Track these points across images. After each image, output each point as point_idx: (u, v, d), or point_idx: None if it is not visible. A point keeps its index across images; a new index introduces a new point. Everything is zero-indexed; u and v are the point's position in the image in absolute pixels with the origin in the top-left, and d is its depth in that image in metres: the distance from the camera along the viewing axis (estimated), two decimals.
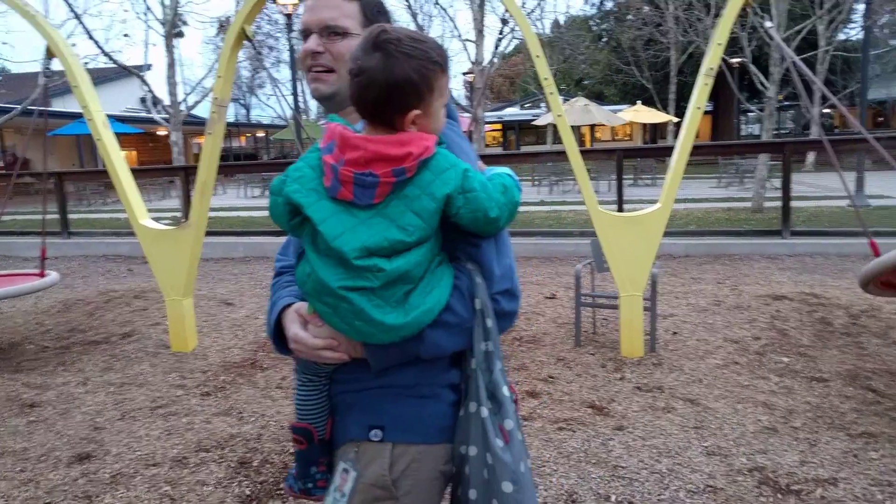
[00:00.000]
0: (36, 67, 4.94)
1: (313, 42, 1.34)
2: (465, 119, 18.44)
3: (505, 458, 1.18)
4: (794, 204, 8.05)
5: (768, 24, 4.22)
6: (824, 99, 18.77)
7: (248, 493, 2.81)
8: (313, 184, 1.19)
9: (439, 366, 1.27)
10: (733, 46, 15.31)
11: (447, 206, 1.16)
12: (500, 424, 1.21)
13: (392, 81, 1.12)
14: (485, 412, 1.21)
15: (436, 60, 1.16)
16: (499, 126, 41.10)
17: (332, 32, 1.34)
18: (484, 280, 1.24)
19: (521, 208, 1.34)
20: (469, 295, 1.23)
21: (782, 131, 34.27)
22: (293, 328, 1.27)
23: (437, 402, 1.27)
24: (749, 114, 35.37)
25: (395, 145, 1.13)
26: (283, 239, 1.67)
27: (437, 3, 17.14)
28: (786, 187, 7.98)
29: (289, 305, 1.31)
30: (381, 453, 1.23)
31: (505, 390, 1.24)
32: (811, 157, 22.04)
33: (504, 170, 1.30)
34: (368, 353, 1.22)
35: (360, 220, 1.14)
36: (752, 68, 12.00)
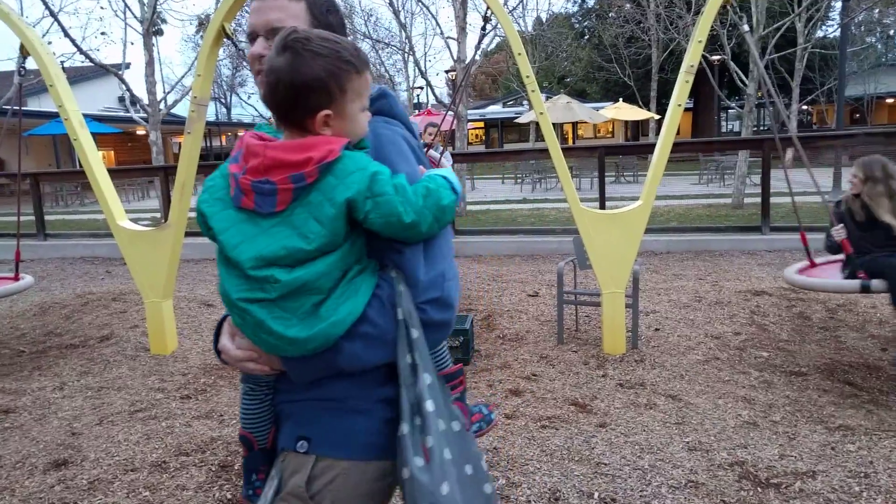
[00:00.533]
0: (11, 66, 4.85)
1: (259, 45, 1.31)
2: (446, 117, 18.41)
3: (422, 479, 1.11)
4: (773, 200, 8.13)
5: (745, 27, 4.26)
6: (802, 95, 19.01)
7: (229, 496, 2.78)
8: (221, 193, 1.17)
9: (372, 379, 1.21)
10: (714, 44, 15.45)
11: (354, 212, 1.12)
12: (421, 443, 1.14)
13: (299, 81, 1.10)
14: (405, 429, 1.14)
15: (348, 60, 1.13)
16: (481, 124, 41.12)
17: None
18: (409, 288, 1.18)
19: (505, 206, 1.30)
20: (390, 304, 1.17)
21: (762, 128, 34.64)
22: (222, 339, 1.26)
23: (369, 418, 1.21)
24: (729, 111, 35.72)
25: (294, 151, 1.10)
26: None
27: (419, 1, 17.11)
28: (765, 184, 8.07)
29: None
30: (303, 465, 1.20)
31: (429, 405, 1.15)
32: (790, 153, 22.28)
33: (440, 171, 1.24)
34: (286, 366, 1.19)
35: (262, 229, 1.11)
36: (732, 66, 12.10)
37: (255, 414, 1.32)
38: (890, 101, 32.27)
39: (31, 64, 4.60)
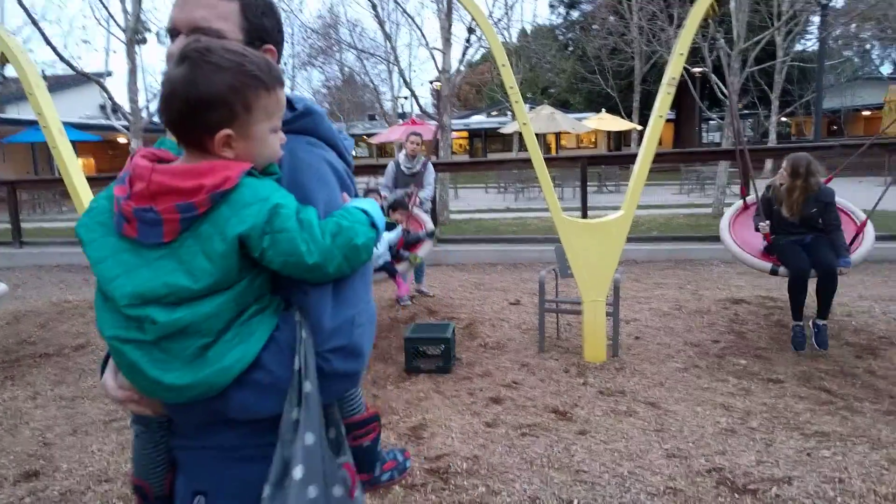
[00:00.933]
0: None
1: (179, 45, 1.12)
2: (430, 127, 18.46)
3: None
4: None
5: (721, 42, 4.33)
6: (782, 107, 19.29)
7: None
8: (104, 217, 1.04)
9: (268, 425, 1.06)
10: (695, 56, 15.66)
11: (249, 248, 0.99)
12: None
13: (195, 95, 0.98)
14: (267, 491, 1.01)
15: (255, 75, 1.01)
16: (465, 133, 41.26)
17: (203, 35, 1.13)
18: (312, 334, 1.05)
19: (488, 215, 1.20)
20: (289, 350, 1.04)
21: (743, 139, 35.02)
22: (106, 374, 1.13)
23: (267, 464, 1.06)
24: (710, 122, 36.18)
25: (185, 176, 0.98)
26: None
27: (404, 12, 17.18)
28: (744, 194, 8.14)
29: None
30: None
31: (298, 471, 1.01)
32: (769, 163, 22.61)
33: (361, 204, 1.12)
34: (168, 411, 1.08)
35: (146, 261, 0.99)
36: (713, 78, 12.27)
37: (148, 459, 1.18)
38: (866, 113, 32.88)
39: (10, 71, 4.55)
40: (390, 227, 4.93)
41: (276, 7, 1.25)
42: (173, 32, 1.19)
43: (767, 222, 4.64)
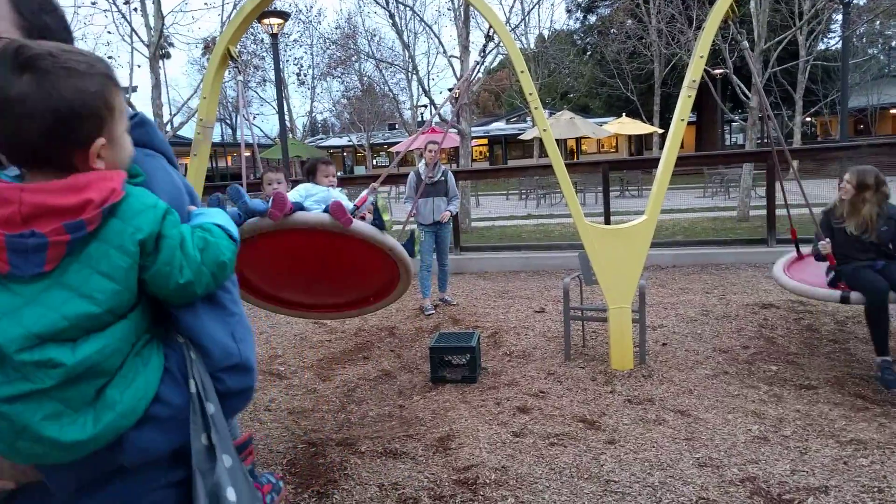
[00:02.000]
0: None
1: None
2: (451, 136, 18.51)
3: None
4: (779, 212, 8.10)
5: (745, 43, 4.29)
6: (806, 107, 19.03)
7: None
8: None
9: (162, 464, 0.98)
10: (715, 58, 15.52)
11: (143, 257, 0.92)
12: None
13: (64, 108, 0.86)
14: None
15: (106, 73, 0.92)
16: (485, 141, 41.31)
17: None
18: (201, 355, 0.99)
19: (509, 222, 1.16)
20: (182, 377, 0.97)
21: (766, 140, 34.63)
22: None
23: None
24: (732, 124, 35.76)
25: (65, 193, 0.87)
26: None
27: (422, 21, 17.28)
28: (770, 196, 8.05)
29: None
30: None
31: (230, 493, 0.95)
32: (795, 165, 22.27)
33: (213, 217, 1.05)
34: (47, 479, 0.93)
35: (27, 298, 0.86)
36: (735, 79, 12.14)
37: None
38: (894, 111, 32.26)
39: None
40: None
41: (56, 3, 1.11)
42: None
43: (828, 240, 4.18)
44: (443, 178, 6.27)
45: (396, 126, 39.80)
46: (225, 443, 0.98)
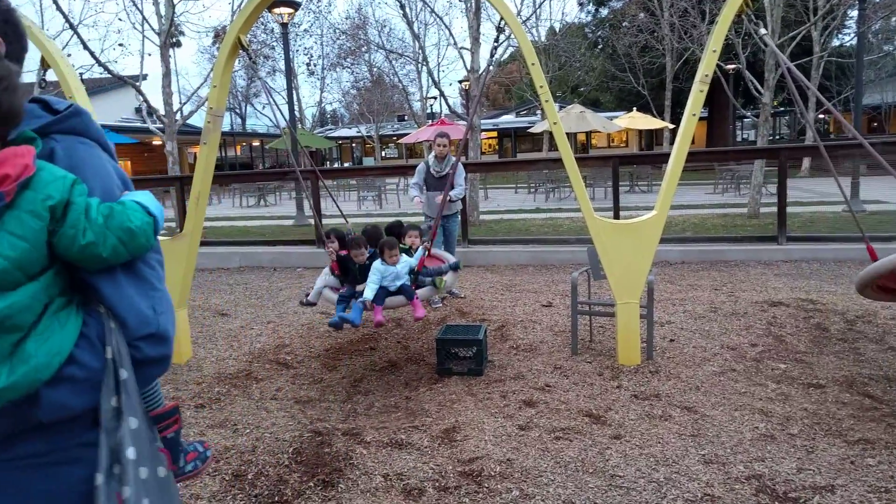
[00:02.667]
0: (32, 78, 4.94)
1: None
2: (459, 127, 18.46)
3: None
4: (790, 209, 8.06)
5: (763, 31, 4.23)
6: (818, 104, 18.84)
7: None
8: None
9: (80, 424, 1.08)
10: (728, 53, 15.40)
11: (52, 221, 1.02)
12: (116, 492, 1.05)
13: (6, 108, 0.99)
14: (99, 479, 1.04)
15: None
16: (494, 133, 41.20)
17: None
18: (119, 324, 1.08)
19: (518, 216, 1.20)
20: (100, 343, 1.06)
21: (778, 137, 34.39)
22: None
23: (80, 467, 1.08)
24: (744, 120, 35.49)
25: None
26: (278, 249, 1.60)
27: (432, 12, 17.22)
28: (782, 193, 8.00)
29: None
30: None
31: (131, 452, 1.06)
32: (807, 162, 22.10)
33: (135, 196, 1.16)
34: None
35: None
36: (747, 74, 12.04)
37: None
38: None
39: (51, 76, 4.68)
40: (405, 251, 4.53)
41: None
42: None
43: None
44: (451, 171, 6.24)
45: (406, 118, 39.74)
46: (133, 407, 1.08)
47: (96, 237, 1.05)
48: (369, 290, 4.20)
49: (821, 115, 27.61)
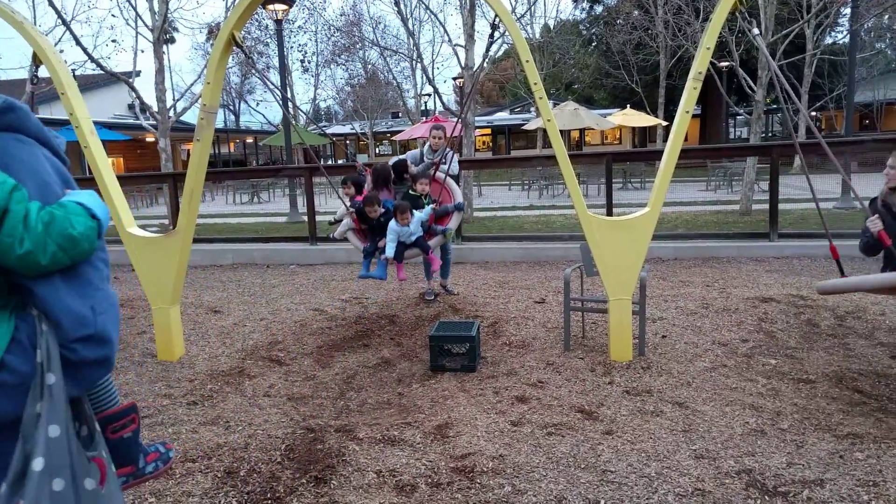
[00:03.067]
0: (24, 74, 4.92)
1: None
2: (452, 123, 18.46)
3: None
4: (781, 206, 8.11)
5: (755, 31, 4.25)
6: (812, 101, 18.92)
7: (234, 503, 2.78)
8: None
9: (7, 429, 1.05)
10: (722, 50, 15.43)
11: None
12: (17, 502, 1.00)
13: None
14: (3, 489, 1.00)
15: None
16: (488, 131, 41.20)
17: None
18: (54, 327, 1.05)
19: (512, 213, 1.19)
20: (32, 347, 1.04)
21: (770, 135, 34.54)
22: None
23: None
24: (737, 117, 35.59)
25: None
26: (271, 246, 1.56)
27: (427, 9, 17.18)
28: (773, 190, 8.04)
29: None
30: None
31: (38, 463, 1.00)
32: (798, 159, 22.16)
33: (79, 197, 1.11)
34: None
35: None
36: (741, 72, 12.07)
37: None
38: None
39: (43, 72, 4.65)
40: (414, 201, 5.27)
41: None
42: None
43: (877, 215, 3.80)
44: (444, 162, 6.18)
45: (400, 114, 39.69)
46: (56, 414, 1.03)
47: (35, 246, 1.01)
48: (390, 249, 4.95)
49: (813, 113, 27.71)
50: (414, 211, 5.09)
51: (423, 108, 32.72)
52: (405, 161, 5.78)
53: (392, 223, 4.98)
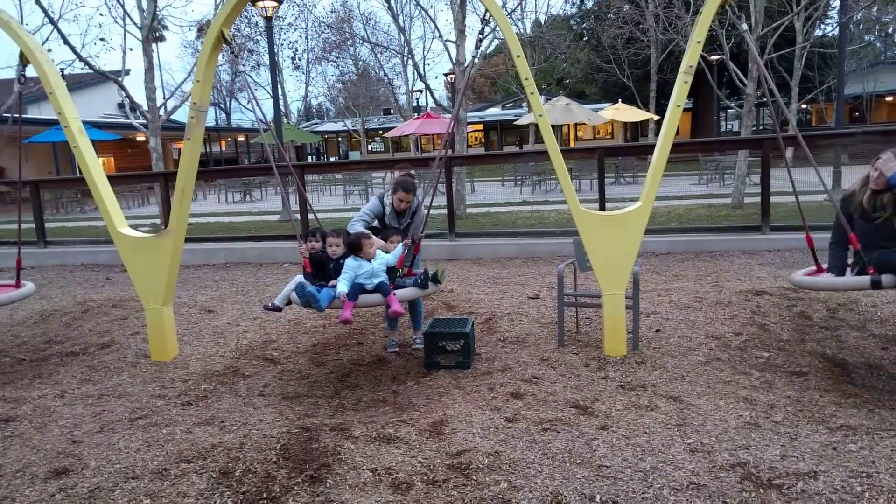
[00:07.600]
0: (11, 74, 4.87)
1: None
2: (444, 120, 18.42)
3: None
4: (773, 199, 8.13)
5: (744, 26, 4.26)
6: (802, 94, 18.96)
7: (230, 503, 2.77)
8: None
9: None
10: (712, 44, 15.44)
11: None
12: None
13: None
14: None
15: None
16: (480, 126, 41.15)
17: None
18: None
19: (504, 209, 1.17)
20: None
21: (761, 128, 34.63)
22: None
23: None
24: (728, 110, 35.66)
25: None
26: (263, 245, 1.51)
27: (418, 5, 17.15)
28: (765, 183, 8.06)
29: None
30: None
31: None
32: (790, 152, 22.26)
33: None
34: None
35: None
36: (731, 65, 12.10)
37: None
38: (889, 98, 32.23)
39: (31, 72, 4.61)
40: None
41: None
42: None
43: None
44: (409, 221, 4.76)
45: (392, 111, 39.58)
46: None
47: None
48: (342, 284, 3.90)
49: (803, 106, 27.80)
50: (381, 252, 4.13)
51: (414, 104, 32.64)
52: (367, 236, 4.18)
53: (349, 259, 3.97)
